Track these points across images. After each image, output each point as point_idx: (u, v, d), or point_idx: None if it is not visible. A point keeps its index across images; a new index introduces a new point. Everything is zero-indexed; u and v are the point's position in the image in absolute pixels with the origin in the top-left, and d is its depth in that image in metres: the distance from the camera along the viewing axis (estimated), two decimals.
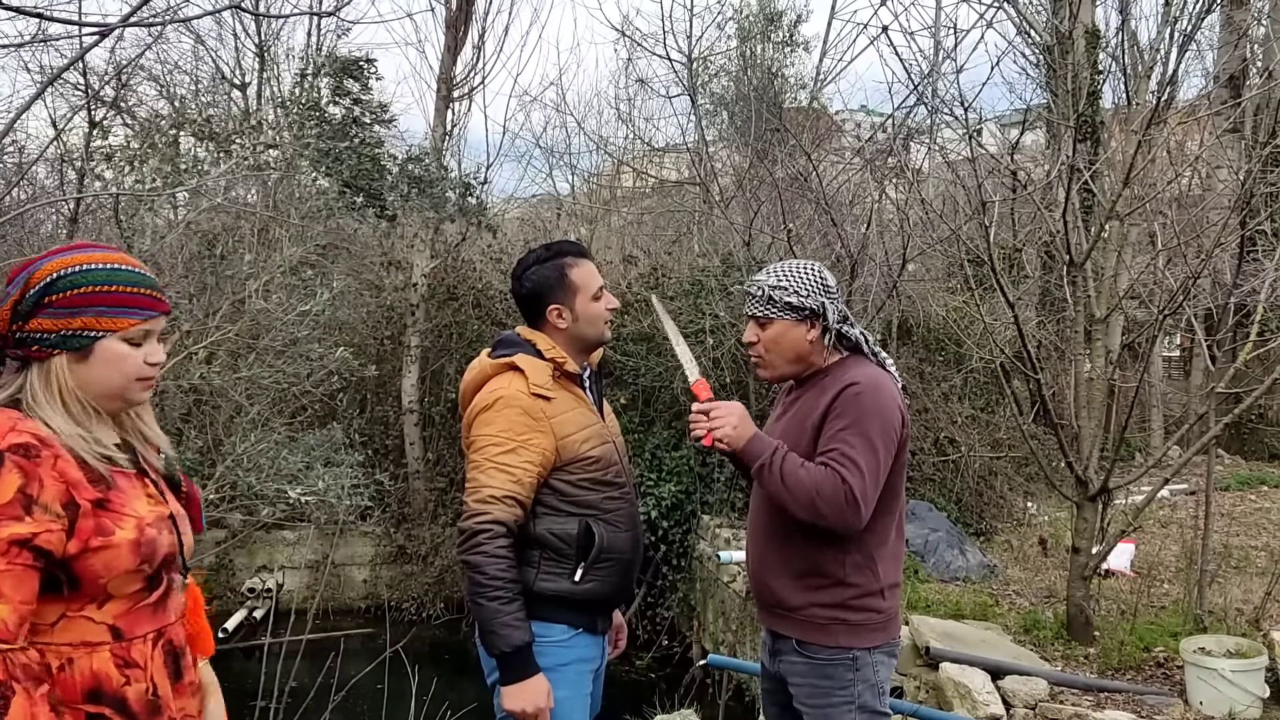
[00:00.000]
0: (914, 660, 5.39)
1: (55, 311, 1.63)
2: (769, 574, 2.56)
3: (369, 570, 10.40)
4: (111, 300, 1.67)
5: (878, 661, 2.49)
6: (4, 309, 1.62)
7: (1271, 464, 11.70)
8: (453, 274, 11.27)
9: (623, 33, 15.34)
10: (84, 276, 1.65)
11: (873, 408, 2.38)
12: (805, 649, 2.48)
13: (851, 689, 2.45)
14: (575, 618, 2.54)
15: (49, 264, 1.65)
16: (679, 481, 9.05)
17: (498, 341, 2.68)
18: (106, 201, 9.47)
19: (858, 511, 2.32)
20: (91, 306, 1.65)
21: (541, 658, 2.45)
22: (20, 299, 1.62)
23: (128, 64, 9.14)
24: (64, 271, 1.64)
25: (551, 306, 2.61)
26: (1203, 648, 4.78)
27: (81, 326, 1.64)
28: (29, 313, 1.62)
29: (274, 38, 12.15)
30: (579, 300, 2.62)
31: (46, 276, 1.63)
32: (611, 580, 2.58)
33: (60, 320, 1.63)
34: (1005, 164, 6.60)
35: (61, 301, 1.63)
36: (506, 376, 2.55)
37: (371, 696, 5.30)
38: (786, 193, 9.19)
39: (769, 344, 2.55)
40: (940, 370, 9.95)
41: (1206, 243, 6.02)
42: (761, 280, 2.56)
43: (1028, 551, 7.90)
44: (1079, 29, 9.30)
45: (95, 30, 3.28)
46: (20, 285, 1.63)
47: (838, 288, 2.59)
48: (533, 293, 2.63)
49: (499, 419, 2.48)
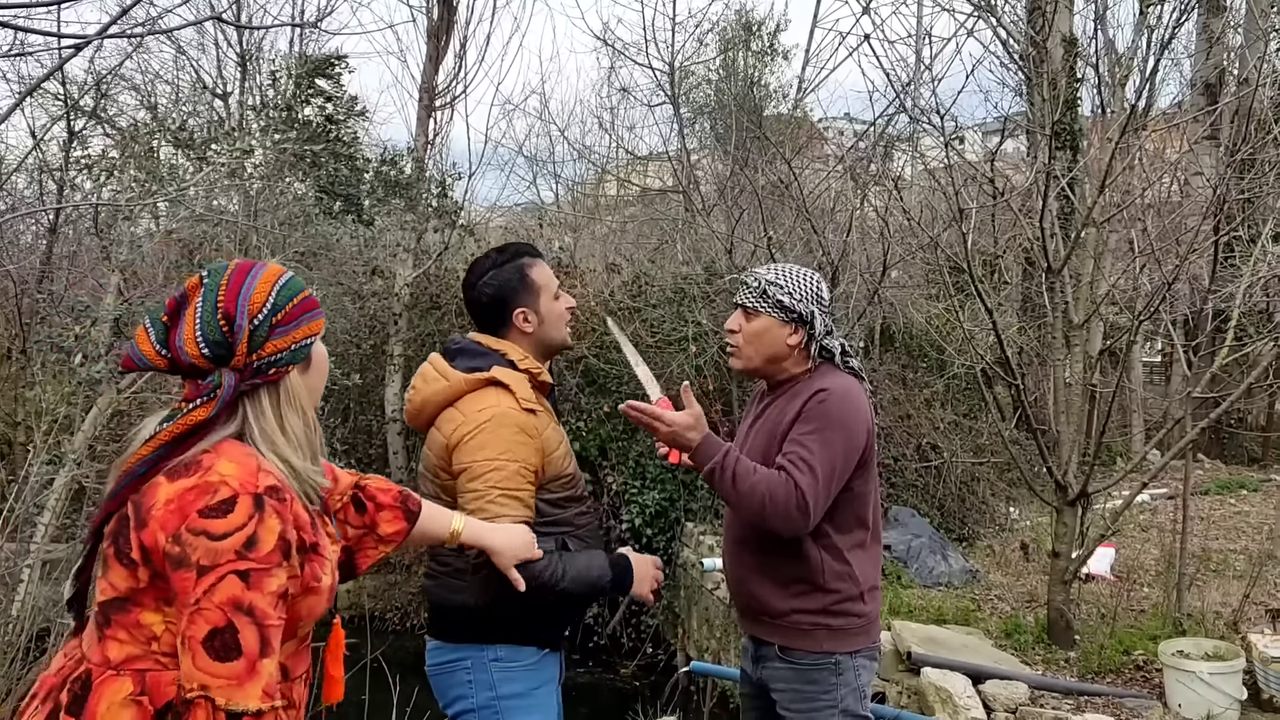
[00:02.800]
0: (896, 665, 5.40)
1: (284, 329, 1.62)
2: (749, 581, 2.57)
3: (352, 580, 10.34)
4: (310, 305, 1.68)
5: (860, 665, 2.51)
6: (240, 344, 1.58)
7: (1250, 468, 11.79)
8: (436, 282, 11.25)
9: (604, 41, 15.37)
10: (291, 286, 1.65)
11: (839, 415, 2.40)
12: (789, 655, 2.49)
13: (835, 693, 2.47)
14: (544, 638, 2.44)
15: (258, 286, 1.61)
16: (663, 489, 9.05)
17: (455, 350, 2.50)
18: (86, 211, 9.42)
19: (805, 516, 2.34)
20: (305, 314, 1.66)
21: (514, 683, 2.37)
22: (253, 327, 1.59)
23: (107, 74, 9.10)
24: (280, 286, 1.63)
25: (518, 310, 2.49)
26: (1181, 651, 4.82)
27: (303, 335, 1.65)
28: (264, 339, 1.60)
29: (256, 48, 12.13)
30: (543, 301, 2.51)
31: (268, 297, 1.61)
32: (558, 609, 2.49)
33: (287, 336, 1.62)
34: (984, 172, 6.64)
35: (287, 318, 1.63)
36: (491, 393, 2.37)
37: (355, 707, 5.28)
38: (768, 200, 9.23)
39: (750, 336, 2.57)
40: (922, 377, 9.99)
41: (1183, 248, 6.08)
42: (760, 273, 2.58)
43: (1009, 557, 7.94)
44: (1056, 37, 9.38)
45: (74, 42, 3.27)
46: (245, 316, 1.58)
47: (831, 304, 2.60)
48: (494, 298, 2.48)
49: (495, 440, 2.30)
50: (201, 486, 1.50)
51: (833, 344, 2.55)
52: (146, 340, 1.60)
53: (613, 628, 9.31)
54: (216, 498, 1.49)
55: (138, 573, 1.52)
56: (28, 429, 6.90)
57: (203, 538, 1.46)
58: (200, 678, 1.43)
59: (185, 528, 1.47)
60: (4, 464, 6.49)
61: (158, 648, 1.52)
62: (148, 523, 1.51)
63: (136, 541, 1.52)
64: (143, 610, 1.53)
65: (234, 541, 1.47)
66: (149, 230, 8.73)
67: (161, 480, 1.54)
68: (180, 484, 1.52)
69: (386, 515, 1.99)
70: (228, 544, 1.46)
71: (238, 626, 1.45)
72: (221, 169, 7.56)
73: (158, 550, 1.49)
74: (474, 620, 2.39)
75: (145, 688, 1.51)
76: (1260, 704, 4.74)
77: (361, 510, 1.98)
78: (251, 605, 1.46)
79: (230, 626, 1.44)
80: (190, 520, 1.48)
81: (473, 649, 2.40)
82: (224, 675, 1.43)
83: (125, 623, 1.54)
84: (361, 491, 1.99)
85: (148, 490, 1.54)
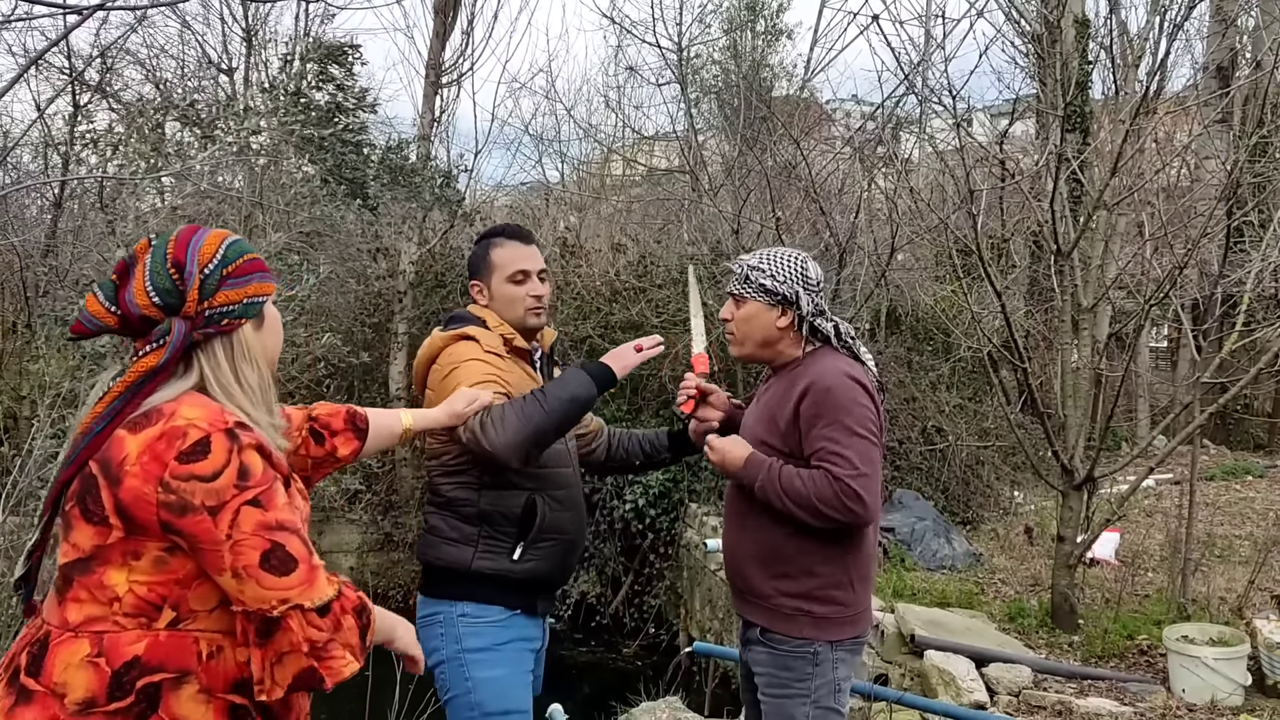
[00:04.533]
0: (899, 648, 5.41)
1: (235, 282, 1.64)
2: (742, 560, 2.57)
3: (355, 558, 10.38)
4: (260, 266, 1.71)
5: (839, 659, 2.48)
6: (191, 290, 1.60)
7: (1256, 454, 11.76)
8: (440, 261, 11.23)
9: (611, 19, 15.29)
10: (239, 245, 1.69)
11: (847, 401, 2.40)
12: (769, 639, 2.49)
13: (809, 683, 2.45)
14: (513, 599, 2.53)
15: (207, 239, 1.65)
16: (666, 469, 9.04)
17: (450, 318, 2.70)
18: (91, 185, 9.40)
19: (861, 503, 2.33)
20: (255, 273, 1.68)
21: (478, 637, 2.48)
22: (204, 275, 1.62)
23: (110, 45, 9.05)
24: (229, 242, 1.67)
25: (473, 282, 2.71)
26: (1186, 636, 4.80)
27: (254, 292, 1.68)
28: (215, 287, 1.62)
29: (261, 22, 12.04)
30: (494, 279, 2.66)
31: (218, 249, 1.64)
32: (551, 560, 2.58)
33: (240, 289, 1.65)
34: (994, 153, 6.59)
35: (238, 270, 1.65)
36: (462, 344, 2.54)
37: (357, 683, 5.30)
38: (775, 181, 9.17)
39: (740, 322, 2.57)
40: (928, 360, 9.96)
41: (1194, 233, 6.04)
42: (744, 259, 2.59)
43: (1013, 540, 7.93)
44: (1068, 18, 9.29)
45: (75, 9, 3.24)
46: (195, 264, 1.61)
47: (820, 282, 2.59)
48: (466, 270, 2.80)
49: (464, 369, 2.47)
50: (170, 432, 1.52)
51: (825, 325, 2.53)
52: (95, 301, 1.61)
53: (615, 607, 9.33)
54: (188, 441, 1.52)
55: (108, 530, 1.53)
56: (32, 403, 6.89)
57: (195, 482, 1.50)
58: (277, 594, 1.51)
59: (170, 475, 1.50)
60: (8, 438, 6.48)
61: (119, 609, 1.54)
62: (123, 479, 1.52)
63: (110, 499, 1.52)
64: (107, 569, 1.54)
65: (228, 478, 1.52)
66: (154, 206, 8.70)
67: (123, 434, 1.55)
68: (145, 434, 1.53)
69: (341, 439, 2.11)
70: (223, 481, 1.51)
71: (280, 542, 1.53)
72: (230, 147, 7.52)
73: (143, 503, 1.51)
74: (448, 578, 2.55)
75: (102, 649, 1.52)
76: (1265, 689, 4.73)
77: (320, 441, 2.09)
78: (278, 521, 1.54)
79: (275, 545, 1.53)
80: (172, 468, 1.50)
81: (444, 604, 2.54)
82: (295, 584, 1.52)
83: (88, 583, 1.55)
84: (315, 423, 2.10)
85: (112, 446, 1.54)
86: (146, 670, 1.52)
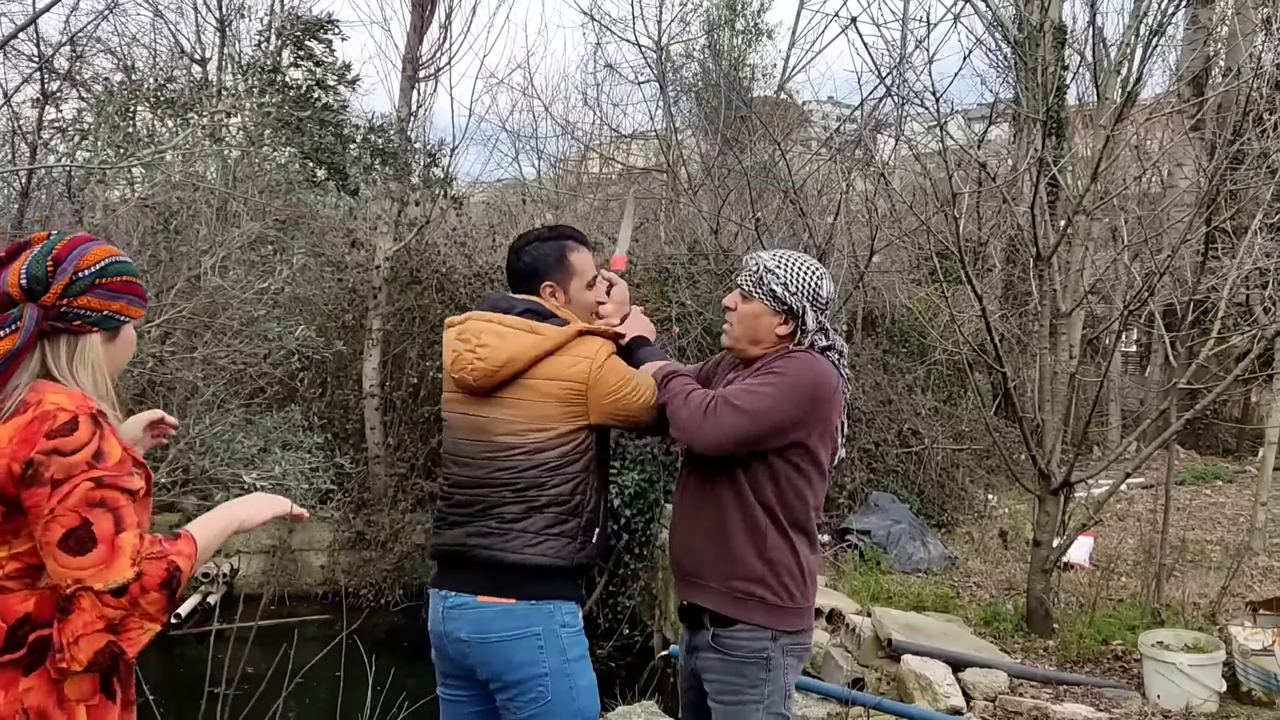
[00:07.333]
0: (876, 652, 5.39)
1: (103, 293, 1.77)
2: (692, 543, 2.56)
3: (327, 556, 10.24)
4: (137, 291, 1.85)
5: (789, 665, 2.50)
6: (57, 284, 1.72)
7: (1225, 459, 11.89)
8: (416, 257, 11.10)
9: (591, 16, 15.16)
10: (125, 266, 1.82)
11: (789, 371, 2.42)
12: (720, 643, 2.47)
13: (762, 689, 2.46)
14: (579, 591, 2.57)
15: (97, 249, 1.79)
16: (643, 470, 8.99)
17: (523, 309, 2.55)
18: (59, 175, 9.22)
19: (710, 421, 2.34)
20: (127, 294, 1.82)
21: (578, 645, 2.51)
22: (75, 276, 1.74)
23: (79, 32, 8.87)
24: (115, 259, 1.81)
25: (546, 284, 2.61)
26: (1161, 642, 4.82)
27: (119, 310, 1.81)
28: (82, 290, 1.75)
29: (235, 12, 11.86)
30: (574, 284, 2.64)
31: (101, 260, 1.78)
32: (599, 547, 2.59)
33: (105, 301, 1.77)
34: (974, 156, 6.60)
35: (110, 285, 1.78)
36: (591, 339, 2.49)
37: (328, 683, 5.21)
38: (755, 181, 9.15)
39: (741, 318, 2.55)
40: (904, 362, 9.98)
41: (1168, 239, 6.07)
42: (763, 257, 2.56)
43: (988, 544, 7.95)
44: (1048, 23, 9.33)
45: None
46: (73, 264, 1.74)
47: (831, 300, 2.57)
48: (529, 268, 2.62)
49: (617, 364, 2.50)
50: (41, 416, 1.64)
51: (821, 342, 2.51)
52: None
53: (589, 608, 9.27)
54: (59, 421, 1.63)
55: None
56: None
57: (55, 456, 1.61)
58: (71, 574, 1.59)
59: (37, 451, 1.61)
60: None
61: (1, 574, 1.66)
62: None
63: None
64: None
65: (84, 455, 1.62)
66: (124, 196, 8.55)
67: None
68: (16, 421, 1.65)
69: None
70: (79, 457, 1.62)
71: (91, 519, 1.60)
72: (202, 130, 7.37)
73: (12, 480, 1.62)
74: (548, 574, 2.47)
75: None
76: (1239, 696, 4.75)
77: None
78: (103, 498, 1.62)
79: (84, 522, 1.60)
80: (40, 444, 1.62)
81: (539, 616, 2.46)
82: (89, 565, 1.59)
83: None
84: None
85: None
86: (37, 625, 1.65)
